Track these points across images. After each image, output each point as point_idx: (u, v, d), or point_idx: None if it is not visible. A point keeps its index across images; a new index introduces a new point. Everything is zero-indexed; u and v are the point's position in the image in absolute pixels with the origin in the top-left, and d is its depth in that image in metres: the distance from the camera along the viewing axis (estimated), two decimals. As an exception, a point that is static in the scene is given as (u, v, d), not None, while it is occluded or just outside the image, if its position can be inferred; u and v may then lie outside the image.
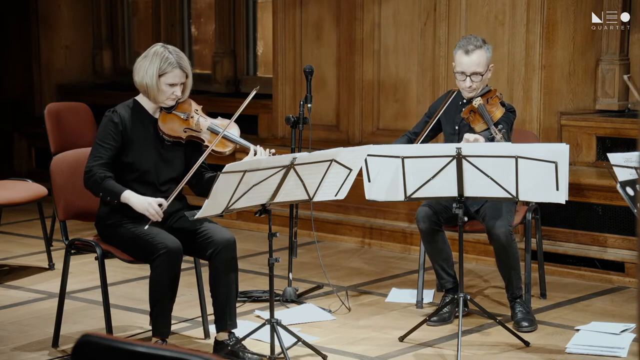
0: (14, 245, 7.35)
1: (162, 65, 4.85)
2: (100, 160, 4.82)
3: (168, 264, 4.69)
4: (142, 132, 4.90)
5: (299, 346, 4.89)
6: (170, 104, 4.93)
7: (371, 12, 7.47)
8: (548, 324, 5.46)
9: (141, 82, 4.89)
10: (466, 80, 5.43)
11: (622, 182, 4.28)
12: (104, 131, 4.87)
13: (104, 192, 4.79)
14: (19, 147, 9.75)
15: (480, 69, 5.42)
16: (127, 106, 4.95)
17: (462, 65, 5.43)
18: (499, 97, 5.46)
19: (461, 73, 5.45)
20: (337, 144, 6.82)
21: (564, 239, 6.54)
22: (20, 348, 5.13)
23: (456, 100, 5.56)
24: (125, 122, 4.87)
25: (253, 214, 4.78)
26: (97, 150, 4.85)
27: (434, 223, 5.40)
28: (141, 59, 4.92)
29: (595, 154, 6.72)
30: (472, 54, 5.41)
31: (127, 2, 10.00)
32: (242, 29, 9.00)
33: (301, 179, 4.62)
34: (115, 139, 4.84)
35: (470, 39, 5.47)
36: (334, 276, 6.33)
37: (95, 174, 4.79)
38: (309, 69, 5.90)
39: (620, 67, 6.82)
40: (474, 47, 5.42)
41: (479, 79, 5.43)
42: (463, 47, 5.44)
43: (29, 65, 9.90)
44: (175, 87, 4.88)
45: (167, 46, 4.93)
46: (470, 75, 5.42)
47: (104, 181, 4.78)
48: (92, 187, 4.82)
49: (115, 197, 4.78)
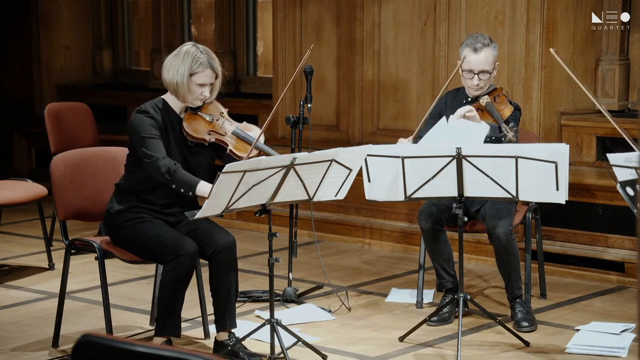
0: (14, 245, 7.35)
1: (194, 65, 4.80)
2: (159, 150, 4.72)
3: (187, 265, 4.70)
4: (170, 132, 4.86)
5: (299, 346, 4.89)
6: (198, 104, 4.89)
7: (371, 12, 7.47)
8: (548, 324, 5.46)
9: (171, 81, 4.84)
10: (474, 78, 5.42)
11: (622, 182, 4.28)
12: (144, 126, 4.77)
13: (177, 184, 4.70)
14: (19, 147, 9.75)
15: (488, 67, 5.42)
16: (156, 105, 4.88)
17: (470, 64, 5.41)
18: (506, 95, 5.45)
19: (469, 71, 5.43)
20: (337, 144, 6.82)
21: (564, 239, 6.54)
22: (20, 348, 5.13)
23: (460, 98, 5.55)
24: (159, 121, 4.83)
25: (253, 214, 4.78)
26: (150, 142, 4.74)
27: (436, 222, 5.39)
28: (172, 57, 4.87)
29: (595, 154, 6.72)
30: (481, 52, 5.40)
31: (127, 2, 10.00)
32: (242, 29, 9.01)
33: (301, 179, 4.61)
34: (158, 131, 4.78)
35: (477, 37, 5.46)
36: (334, 276, 6.33)
37: (164, 165, 4.68)
38: (309, 69, 5.90)
39: (620, 67, 6.82)
40: (482, 45, 5.41)
41: (487, 77, 5.43)
42: (471, 45, 5.42)
43: (29, 65, 9.90)
44: (204, 88, 4.84)
45: (198, 45, 4.89)
46: (478, 74, 5.41)
47: (176, 173, 4.69)
48: (165, 178, 4.70)
49: (190, 188, 4.69)
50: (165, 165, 4.70)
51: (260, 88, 8.85)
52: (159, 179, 4.74)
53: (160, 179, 4.74)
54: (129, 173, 4.91)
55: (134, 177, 4.86)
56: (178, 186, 4.72)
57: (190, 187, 4.70)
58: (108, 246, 4.95)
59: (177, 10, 9.41)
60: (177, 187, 4.72)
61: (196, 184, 4.69)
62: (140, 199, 4.86)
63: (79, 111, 7.48)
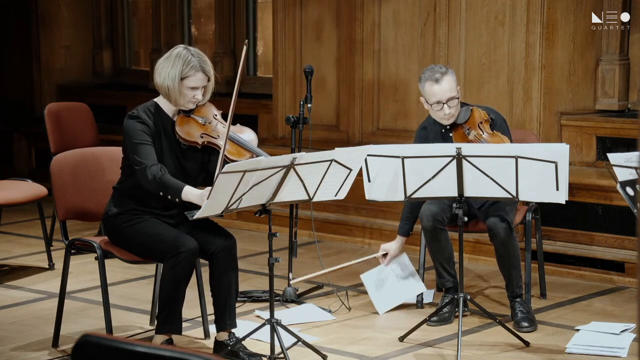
0: (14, 245, 7.35)
1: (185, 69, 4.77)
2: (149, 157, 4.71)
3: (188, 262, 4.69)
4: (163, 135, 4.84)
5: (299, 346, 4.89)
6: (191, 107, 4.85)
7: (371, 12, 7.47)
8: (548, 324, 5.46)
9: (162, 84, 4.81)
10: (444, 107, 5.37)
11: (622, 182, 4.28)
12: (135, 132, 4.74)
13: (164, 190, 4.68)
14: (19, 147, 9.75)
15: (455, 93, 5.38)
16: (149, 109, 4.85)
17: (435, 96, 5.35)
18: (488, 120, 5.39)
19: (437, 103, 5.37)
20: (337, 144, 6.82)
21: (564, 239, 6.54)
22: (20, 348, 5.13)
23: (437, 128, 5.50)
24: (151, 126, 4.80)
25: (253, 214, 4.78)
26: (140, 148, 4.72)
27: (438, 222, 5.39)
28: (163, 61, 4.83)
29: (595, 154, 6.72)
30: (442, 81, 5.36)
31: (127, 2, 10.00)
32: (242, 29, 9.01)
33: (301, 179, 4.61)
34: (150, 137, 4.77)
35: (434, 68, 5.41)
36: (334, 276, 6.33)
37: (151, 172, 4.66)
38: (309, 69, 5.90)
39: (620, 67, 6.82)
40: (441, 75, 5.37)
41: (455, 102, 5.37)
42: (431, 78, 5.37)
43: (29, 65, 9.91)
44: (196, 91, 4.81)
45: (189, 48, 4.85)
46: (446, 102, 5.37)
47: (162, 178, 4.67)
48: (152, 186, 4.69)
49: (176, 194, 4.66)
50: (152, 173, 4.67)
51: (260, 88, 8.85)
52: (147, 186, 4.72)
53: (147, 186, 4.72)
54: (126, 176, 4.88)
55: (132, 181, 4.84)
56: (165, 192, 4.69)
57: (176, 193, 4.66)
58: (108, 246, 4.95)
59: (177, 11, 9.41)
60: (164, 194, 4.70)
61: (182, 189, 4.66)
62: (138, 202, 4.85)
63: (79, 111, 7.48)
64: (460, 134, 5.38)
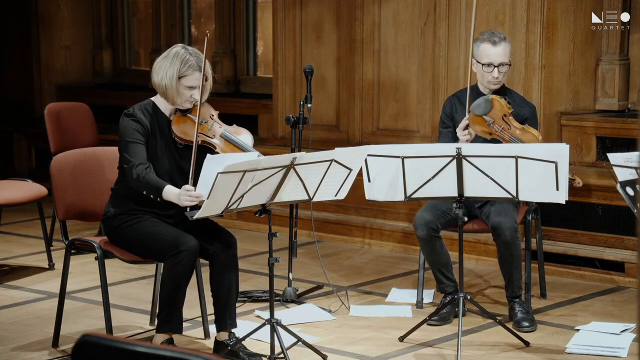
0: (14, 245, 7.35)
1: (182, 68, 4.77)
2: (138, 156, 4.72)
3: (188, 260, 4.68)
4: (159, 134, 4.84)
5: (299, 346, 4.89)
6: (188, 106, 4.85)
7: (371, 12, 7.47)
8: (548, 324, 5.46)
9: (160, 83, 4.82)
10: (494, 70, 5.41)
11: (622, 182, 4.27)
12: (129, 130, 4.76)
13: (146, 188, 4.69)
14: (19, 147, 9.75)
15: (507, 60, 5.43)
16: (145, 108, 4.86)
17: (489, 57, 5.41)
18: (512, 111, 5.32)
19: (488, 65, 5.42)
20: (337, 144, 6.82)
21: (564, 239, 6.54)
22: (20, 348, 5.13)
23: (472, 96, 5.47)
24: (146, 125, 4.81)
25: (253, 214, 4.78)
26: (130, 147, 4.73)
27: (432, 230, 5.38)
28: (161, 60, 4.84)
29: (595, 154, 6.72)
30: (499, 45, 5.41)
31: (127, 2, 10.00)
32: (242, 29, 9.01)
33: (301, 179, 4.61)
34: (143, 136, 4.78)
35: (494, 32, 5.49)
36: (334, 276, 6.33)
37: (136, 172, 4.68)
38: (309, 69, 5.90)
39: (620, 67, 6.82)
40: (499, 39, 5.43)
41: (506, 69, 5.44)
42: (489, 39, 5.43)
43: (29, 65, 9.91)
44: (194, 90, 4.80)
45: (187, 47, 4.86)
46: (498, 66, 5.41)
47: (146, 177, 4.68)
48: (136, 185, 4.71)
49: (157, 194, 4.67)
50: (137, 172, 4.69)
51: (260, 88, 8.85)
52: (132, 184, 4.73)
53: (132, 185, 4.73)
54: (123, 176, 4.88)
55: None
56: (147, 191, 4.70)
57: (157, 192, 4.67)
58: (108, 246, 4.95)
59: (177, 10, 9.41)
60: (147, 193, 4.70)
61: (162, 188, 4.67)
62: (137, 202, 4.84)
63: (79, 111, 7.48)
64: (480, 123, 5.31)
